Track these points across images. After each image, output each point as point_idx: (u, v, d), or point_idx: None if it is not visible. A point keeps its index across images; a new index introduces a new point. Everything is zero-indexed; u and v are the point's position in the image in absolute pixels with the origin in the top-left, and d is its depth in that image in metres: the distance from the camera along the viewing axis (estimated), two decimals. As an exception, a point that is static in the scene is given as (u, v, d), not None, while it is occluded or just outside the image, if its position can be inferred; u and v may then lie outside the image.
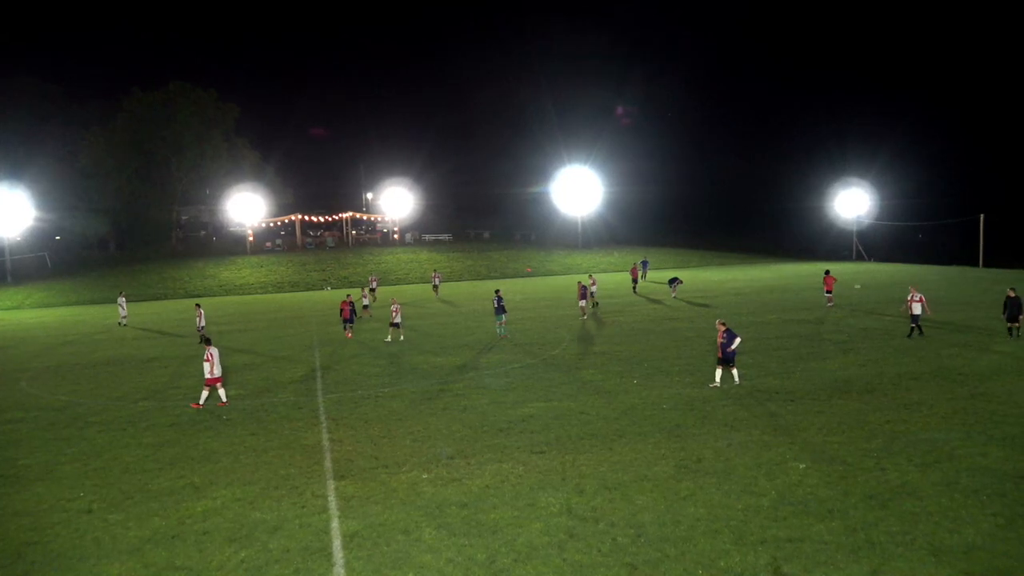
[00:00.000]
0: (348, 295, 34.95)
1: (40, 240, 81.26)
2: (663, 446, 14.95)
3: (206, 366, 19.50)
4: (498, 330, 30.61)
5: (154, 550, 11.11)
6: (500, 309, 30.51)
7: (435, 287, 51.62)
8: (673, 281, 43.32)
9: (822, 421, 16.29)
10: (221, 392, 20.08)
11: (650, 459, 14.19)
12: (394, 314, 30.38)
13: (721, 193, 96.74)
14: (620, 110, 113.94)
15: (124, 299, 42.72)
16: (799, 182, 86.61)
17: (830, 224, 75.61)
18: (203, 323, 33.51)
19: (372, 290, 47.40)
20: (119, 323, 41.27)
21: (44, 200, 75.25)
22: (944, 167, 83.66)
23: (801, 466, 13.45)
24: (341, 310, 32.77)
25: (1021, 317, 25.15)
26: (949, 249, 63.61)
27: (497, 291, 31.85)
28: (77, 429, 18.38)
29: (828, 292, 36.08)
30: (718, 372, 19.91)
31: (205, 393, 19.88)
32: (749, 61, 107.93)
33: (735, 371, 19.86)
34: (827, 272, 37.12)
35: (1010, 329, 25.40)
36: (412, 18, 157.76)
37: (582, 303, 35.33)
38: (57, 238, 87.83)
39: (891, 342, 25.47)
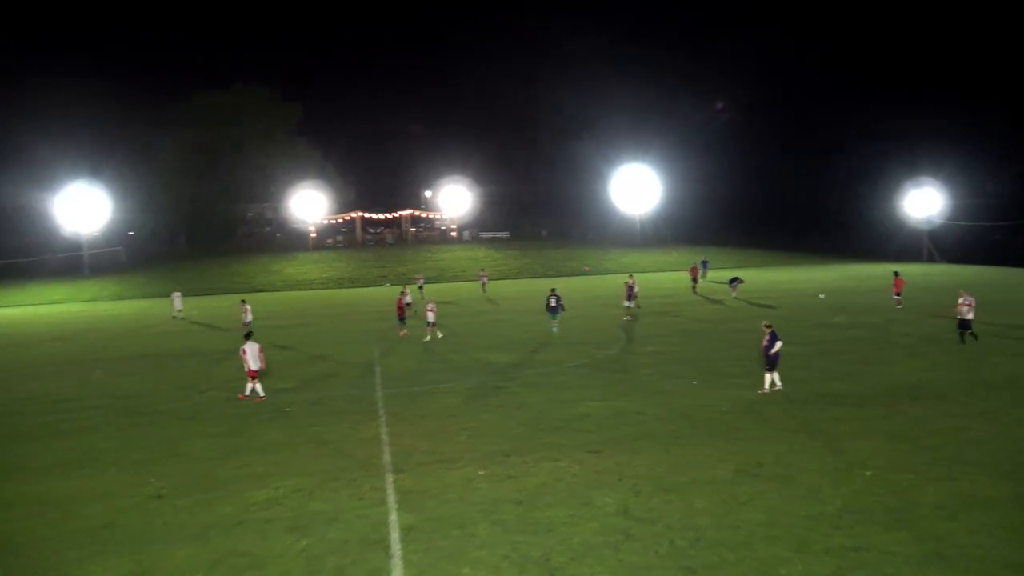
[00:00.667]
0: (403, 290, 35.06)
1: (115, 235, 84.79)
2: (722, 449, 14.69)
3: (245, 360, 20.25)
4: (552, 328, 30.63)
5: (218, 536, 11.45)
6: (555, 308, 30.42)
7: (483, 286, 51.10)
8: (733, 281, 42.51)
9: (889, 427, 15.77)
10: (257, 387, 20.65)
11: (708, 462, 13.96)
12: (429, 313, 30.51)
13: (784, 192, 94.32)
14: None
15: (179, 295, 43.83)
16: (867, 180, 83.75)
17: (900, 224, 73.02)
18: (249, 318, 33.80)
19: (420, 288, 47.78)
20: (172, 317, 42.40)
21: (119, 198, 78.51)
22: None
23: (867, 473, 13.05)
24: (398, 307, 32.98)
25: None
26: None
27: (553, 289, 31.83)
28: (148, 418, 19.09)
29: (897, 294, 34.98)
30: (767, 377, 19.27)
31: (249, 385, 20.59)
32: (815, 56, 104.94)
33: (775, 376, 19.17)
34: (896, 273, 35.99)
35: None
36: (473, 16, 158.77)
37: (628, 303, 34.70)
38: (131, 233, 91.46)
39: (962, 347, 24.48)
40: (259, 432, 17.21)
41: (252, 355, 20.23)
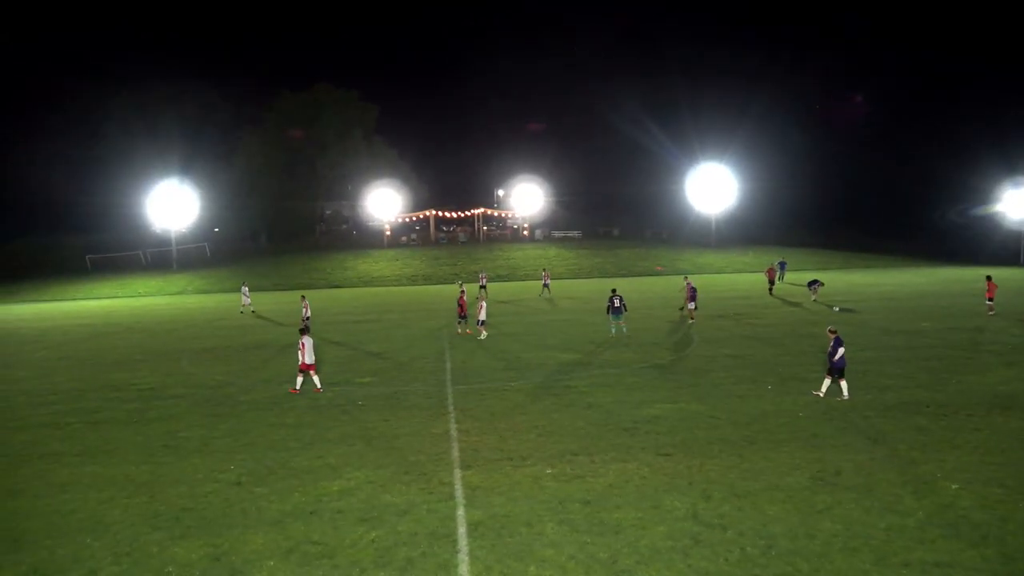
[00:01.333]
0: (462, 288, 35.01)
1: (201, 232, 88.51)
2: (797, 456, 14.26)
3: (299, 353, 20.73)
4: (612, 329, 30.22)
5: (293, 524, 11.81)
6: (617, 309, 29.88)
7: (545, 285, 49.45)
8: (813, 283, 41.22)
9: (978, 439, 14.99)
10: (315, 379, 21.15)
11: (783, 469, 13.57)
12: (480, 310, 30.67)
13: (867, 192, 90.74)
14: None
15: (247, 288, 45.16)
16: (959, 179, 79.74)
17: (995, 226, 69.33)
18: (308, 314, 34.34)
19: (483, 287, 47.81)
20: (240, 311, 43.58)
21: (205, 195, 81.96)
22: None
23: (953, 486, 12.44)
24: (459, 304, 32.93)
25: None
26: None
27: (614, 290, 31.36)
28: (229, 407, 19.83)
29: (989, 299, 33.24)
30: (825, 382, 18.73)
31: (300, 379, 21.16)
32: (902, 50, 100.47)
33: (843, 384, 18.48)
34: (988, 277, 34.20)
35: None
36: (545, 15, 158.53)
37: (691, 305, 33.46)
38: (216, 230, 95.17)
39: (1063, 356, 23.05)
40: (334, 424, 17.65)
41: (308, 349, 20.80)
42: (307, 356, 20.75)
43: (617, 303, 29.90)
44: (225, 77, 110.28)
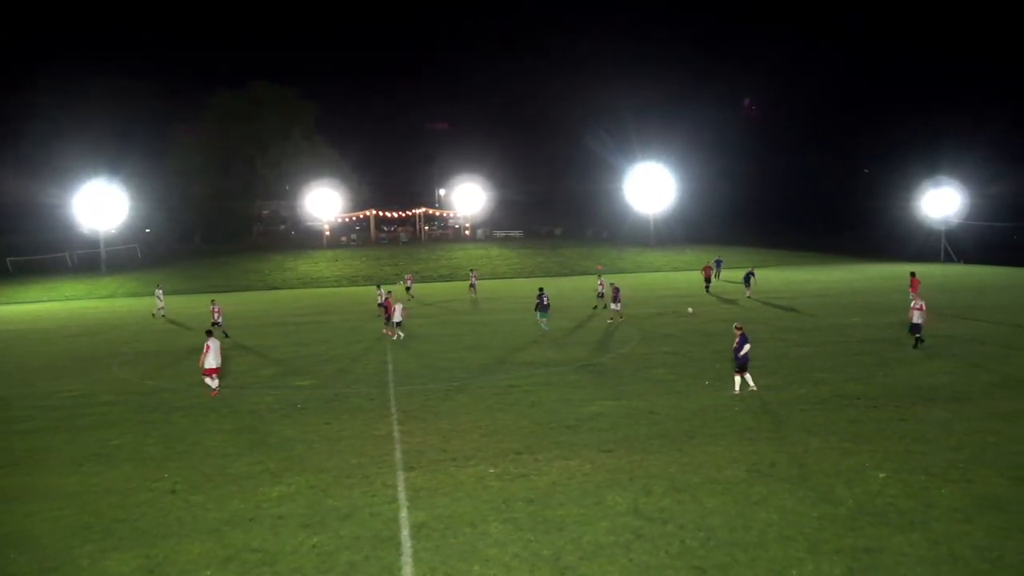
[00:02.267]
0: (388, 291, 34.62)
1: (132, 233, 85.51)
2: (735, 449, 14.62)
3: (203, 356, 20.56)
4: (542, 325, 31.16)
5: (232, 531, 11.54)
6: (544, 307, 31.13)
7: (472, 286, 48.31)
8: (748, 276, 42.26)
9: (905, 429, 15.64)
10: (214, 382, 20.94)
11: (721, 462, 13.90)
12: (395, 312, 30.62)
13: (801, 191, 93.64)
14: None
15: (161, 291, 43.70)
16: (884, 180, 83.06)
17: (917, 224, 72.33)
18: (219, 319, 33.21)
19: (408, 289, 47.59)
20: (153, 314, 42.04)
21: (136, 195, 79.17)
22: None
23: (881, 475, 12.94)
24: (384, 307, 32.68)
25: None
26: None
27: (541, 288, 32.68)
28: (163, 413, 19.25)
29: (913, 295, 34.62)
30: (736, 379, 19.15)
31: (208, 380, 20.94)
32: (831, 54, 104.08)
33: (748, 377, 19.02)
34: (912, 274, 35.65)
35: None
36: (487, 15, 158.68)
37: (615, 306, 32.82)
38: (147, 231, 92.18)
39: (981, 348, 24.22)
40: (273, 429, 17.32)
41: (214, 351, 20.61)
42: (212, 359, 20.40)
43: (545, 301, 31.26)
44: (158, 74, 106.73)
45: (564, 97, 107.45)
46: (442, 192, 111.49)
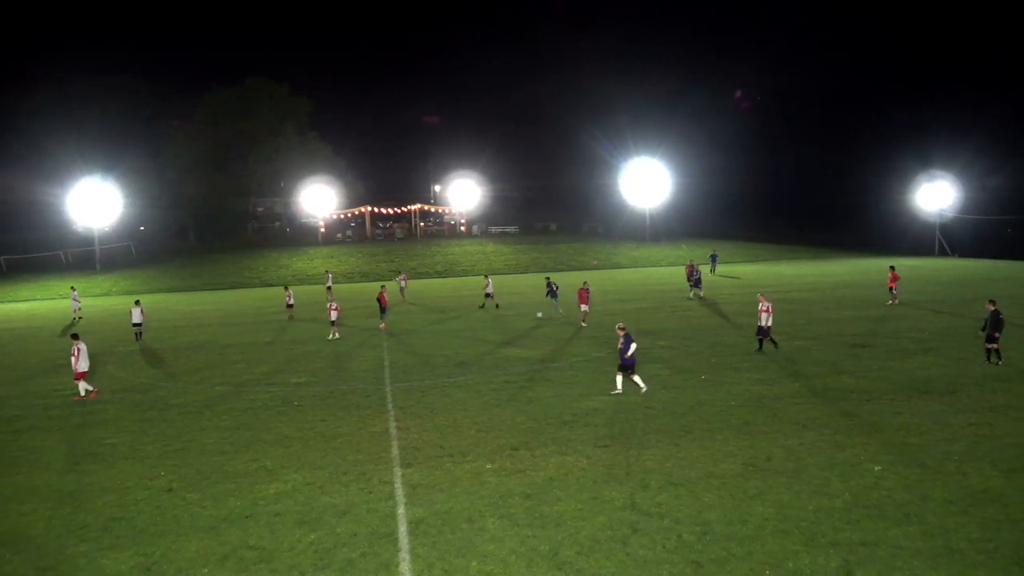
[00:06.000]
0: (382, 286, 36.12)
1: (126, 230, 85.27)
2: (731, 443, 14.66)
3: (73, 360, 20.49)
4: (556, 310, 34.57)
5: (229, 529, 11.54)
6: (553, 294, 34.88)
7: (401, 289, 45.97)
8: (713, 257, 42.67)
9: (900, 422, 15.70)
10: (83, 386, 20.84)
11: (717, 456, 13.94)
12: (330, 312, 30.68)
13: (794, 185, 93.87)
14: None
15: (76, 292, 43.08)
16: (878, 174, 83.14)
17: (912, 218, 72.51)
18: (140, 319, 32.52)
19: (401, 288, 47.10)
20: (74, 318, 41.29)
21: (131, 192, 78.92)
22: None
23: (877, 468, 13.00)
24: (379, 299, 33.29)
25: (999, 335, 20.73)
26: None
27: (548, 277, 37.50)
28: (159, 411, 19.22)
29: (891, 289, 34.53)
30: (618, 379, 18.98)
31: (82, 384, 20.80)
32: (824, 46, 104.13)
33: (637, 378, 18.87)
34: (892, 267, 35.66)
35: (988, 352, 20.98)
36: (478, 10, 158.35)
37: (584, 307, 31.29)
38: (142, 228, 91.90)
39: (976, 342, 24.28)
40: (270, 426, 17.31)
41: (83, 355, 20.54)
42: (81, 363, 20.40)
43: (556, 288, 35.24)
44: (152, 71, 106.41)
45: (559, 92, 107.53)
46: (438, 188, 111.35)
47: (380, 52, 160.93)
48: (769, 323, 23.52)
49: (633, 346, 18.61)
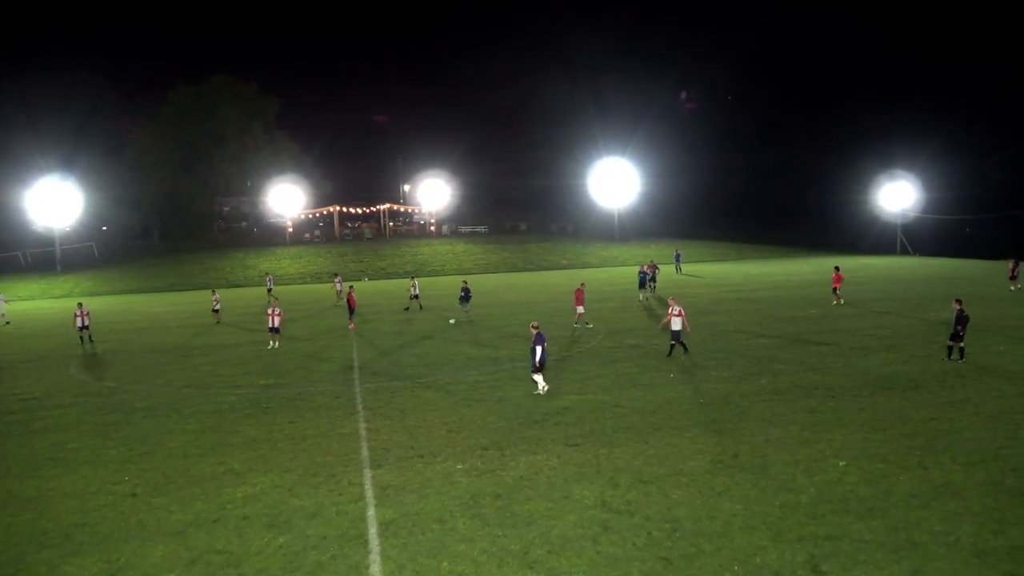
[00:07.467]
0: (351, 286, 37.19)
1: (88, 230, 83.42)
2: (699, 441, 14.82)
3: None
4: (465, 315, 34.35)
5: (196, 533, 11.37)
6: (465, 298, 34.52)
7: (338, 292, 45.10)
8: (677, 257, 43.00)
9: (863, 418, 16.00)
10: None
11: (686, 454, 14.08)
12: (271, 318, 28.49)
13: (759, 185, 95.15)
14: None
15: (2, 297, 42.19)
16: (842, 174, 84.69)
17: (874, 218, 73.94)
18: (86, 322, 31.74)
19: (270, 290, 48.57)
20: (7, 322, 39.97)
21: (92, 191, 77.23)
22: (992, 159, 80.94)
23: (841, 463, 13.23)
24: (348, 300, 34.32)
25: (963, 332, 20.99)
26: (997, 243, 61.63)
27: (464, 282, 36.63)
28: (123, 415, 18.87)
29: (835, 289, 34.49)
30: (537, 378, 18.98)
31: None
32: (789, 49, 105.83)
33: (538, 377, 18.90)
34: (836, 268, 35.64)
35: (950, 350, 21.43)
36: (447, 11, 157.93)
37: (580, 309, 30.54)
38: (104, 228, 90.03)
39: (936, 339, 24.85)
40: (238, 428, 17.08)
41: None
42: None
43: (468, 292, 34.81)
44: (114, 68, 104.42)
45: (529, 92, 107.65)
46: (407, 188, 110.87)
47: (348, 51, 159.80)
48: (680, 327, 22.78)
49: (539, 349, 18.35)
